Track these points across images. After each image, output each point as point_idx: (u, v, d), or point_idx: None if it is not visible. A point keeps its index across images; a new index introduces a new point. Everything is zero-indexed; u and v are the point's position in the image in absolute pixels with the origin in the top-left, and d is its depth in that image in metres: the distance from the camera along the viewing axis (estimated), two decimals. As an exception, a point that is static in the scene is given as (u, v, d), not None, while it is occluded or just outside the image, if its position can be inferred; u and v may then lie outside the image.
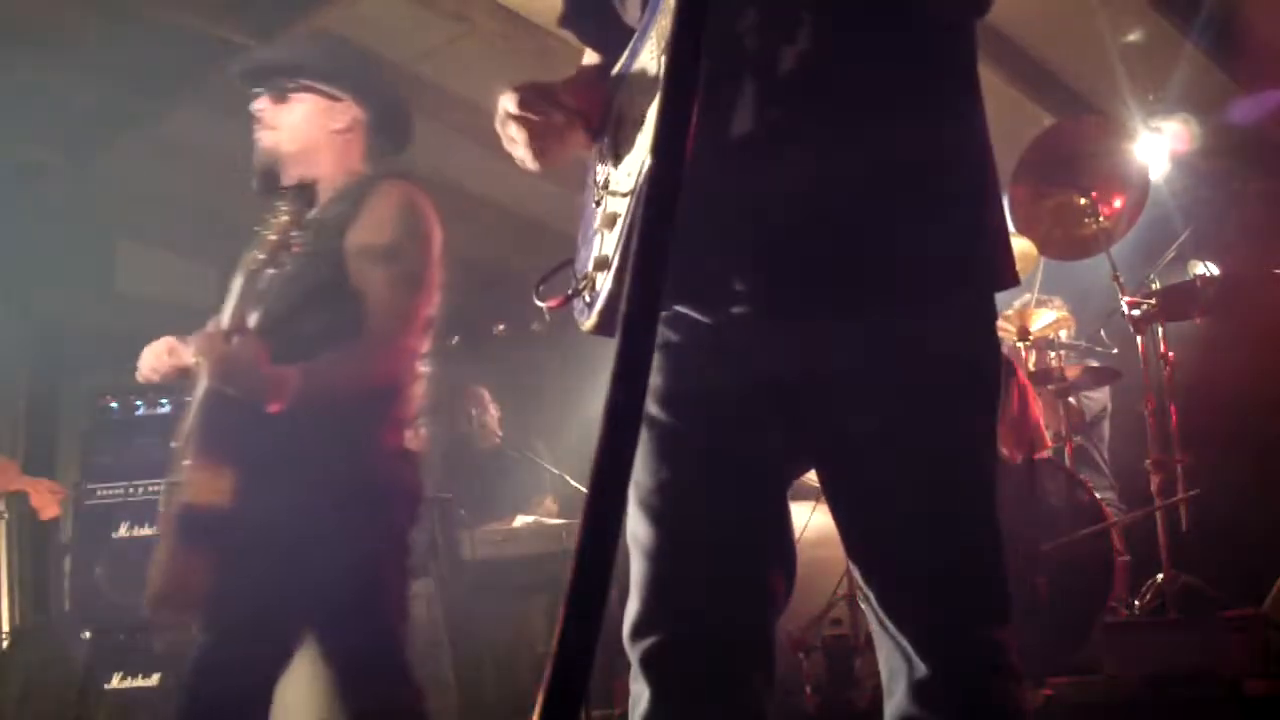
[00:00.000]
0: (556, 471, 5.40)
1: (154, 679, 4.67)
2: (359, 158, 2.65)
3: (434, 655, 5.21)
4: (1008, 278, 1.50)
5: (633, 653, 1.45)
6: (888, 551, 1.45)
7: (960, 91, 1.50)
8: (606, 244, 1.46)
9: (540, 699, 0.80)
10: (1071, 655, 3.72)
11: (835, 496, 1.51)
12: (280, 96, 2.61)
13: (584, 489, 0.86)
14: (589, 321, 1.49)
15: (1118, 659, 3.48)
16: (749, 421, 1.46)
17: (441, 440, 6.56)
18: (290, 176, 2.61)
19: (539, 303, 1.56)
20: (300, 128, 2.60)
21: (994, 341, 1.51)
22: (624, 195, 1.43)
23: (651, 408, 1.49)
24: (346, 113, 2.63)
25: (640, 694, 1.44)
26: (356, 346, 2.39)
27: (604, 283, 1.45)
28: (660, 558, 1.45)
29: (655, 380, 1.50)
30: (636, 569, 1.47)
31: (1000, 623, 1.43)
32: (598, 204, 1.54)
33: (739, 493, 1.46)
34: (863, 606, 1.53)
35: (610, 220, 1.46)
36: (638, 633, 1.44)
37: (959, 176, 1.47)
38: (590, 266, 1.49)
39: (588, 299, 1.50)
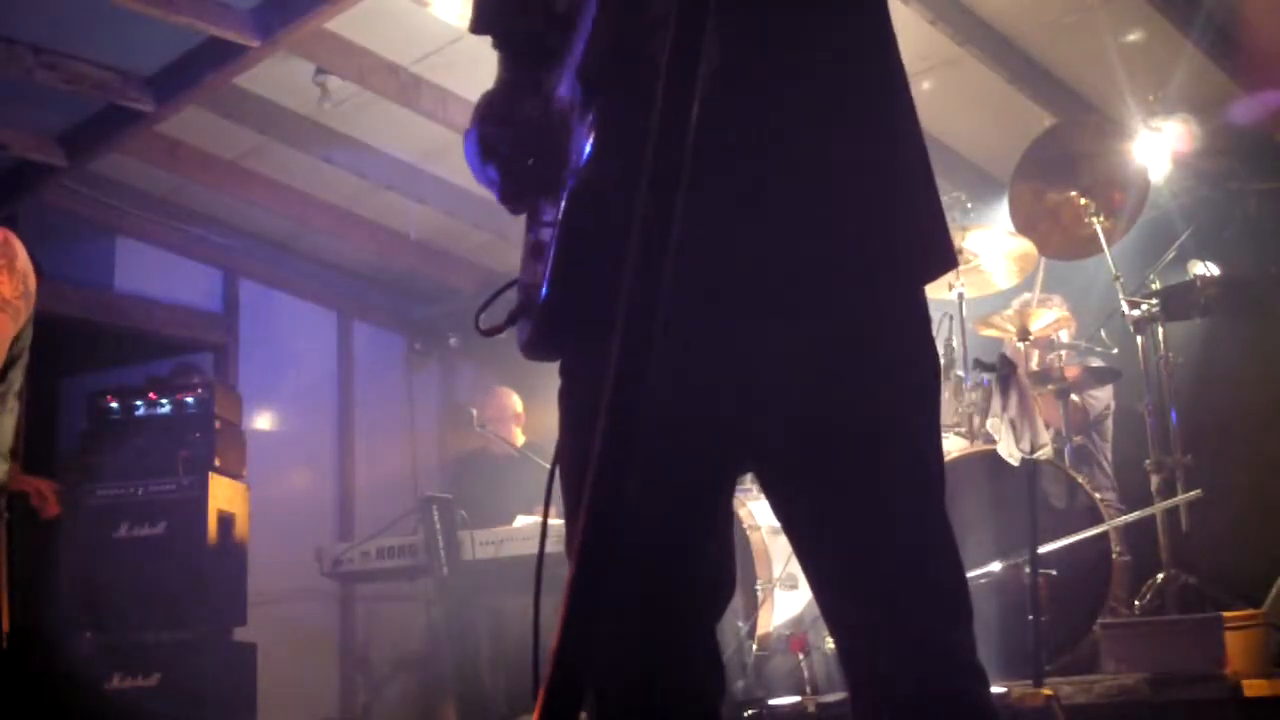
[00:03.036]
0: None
1: (154, 679, 4.67)
2: None
3: (434, 655, 5.22)
4: (935, 270, 1.49)
5: None
6: (836, 556, 1.42)
7: (883, 82, 1.47)
8: (541, 267, 1.47)
9: (540, 699, 0.80)
10: (1071, 655, 3.72)
11: (779, 503, 1.50)
12: None
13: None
14: (525, 336, 1.50)
15: (1118, 659, 3.48)
16: (682, 430, 1.40)
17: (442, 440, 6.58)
18: None
19: (480, 330, 1.56)
20: None
21: (928, 336, 1.49)
22: (548, 225, 1.45)
23: (575, 422, 1.49)
24: None
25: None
26: None
27: (541, 297, 1.45)
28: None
29: (579, 392, 1.50)
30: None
31: (958, 622, 1.40)
32: (530, 230, 1.55)
33: (671, 506, 1.44)
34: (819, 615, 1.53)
35: (538, 249, 1.48)
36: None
37: (885, 168, 1.45)
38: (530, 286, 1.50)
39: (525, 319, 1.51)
